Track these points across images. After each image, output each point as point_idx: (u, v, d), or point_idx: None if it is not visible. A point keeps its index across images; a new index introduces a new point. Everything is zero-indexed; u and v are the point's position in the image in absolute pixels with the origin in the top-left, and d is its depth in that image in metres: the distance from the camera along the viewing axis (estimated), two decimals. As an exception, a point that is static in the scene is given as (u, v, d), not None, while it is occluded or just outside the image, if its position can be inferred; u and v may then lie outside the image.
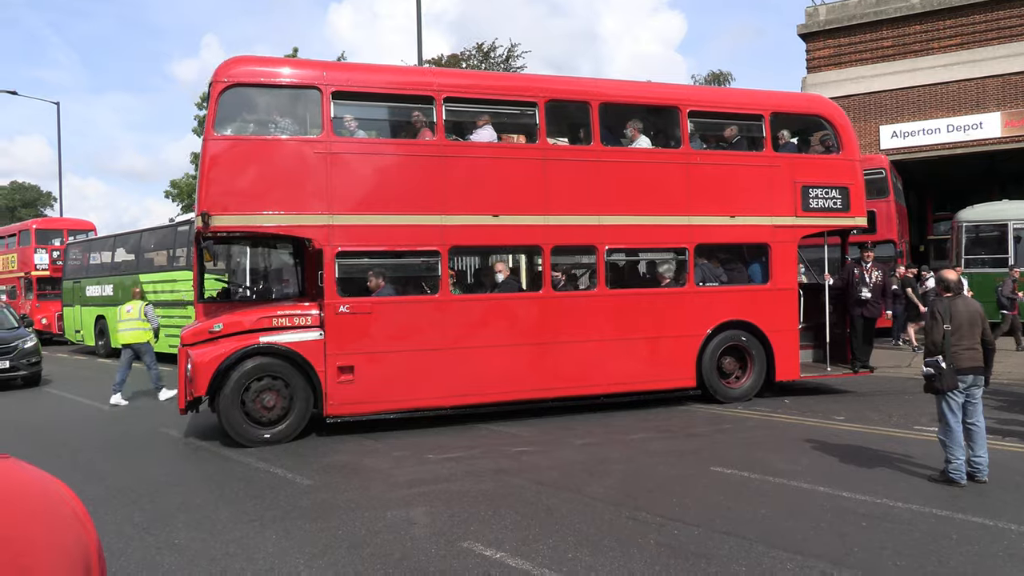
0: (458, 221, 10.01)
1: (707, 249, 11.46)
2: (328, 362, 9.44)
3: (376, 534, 5.86)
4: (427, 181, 9.93)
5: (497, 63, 31.36)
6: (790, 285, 11.63)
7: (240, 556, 5.44)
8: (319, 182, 9.46)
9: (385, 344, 9.69)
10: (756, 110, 11.59)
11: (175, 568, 5.25)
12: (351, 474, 7.84)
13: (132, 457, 8.93)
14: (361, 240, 9.67)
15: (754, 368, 11.46)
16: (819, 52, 24.54)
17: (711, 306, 11.26)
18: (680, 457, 8.15)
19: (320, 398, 9.45)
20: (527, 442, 9.06)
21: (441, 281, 9.95)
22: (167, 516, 6.46)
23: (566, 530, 5.76)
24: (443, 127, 10.00)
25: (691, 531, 5.67)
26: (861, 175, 12.19)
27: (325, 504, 6.71)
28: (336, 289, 9.51)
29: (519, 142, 10.82)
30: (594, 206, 10.62)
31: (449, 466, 8.01)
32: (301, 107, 9.81)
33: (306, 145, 9.51)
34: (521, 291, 10.62)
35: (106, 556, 5.32)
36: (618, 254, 11.15)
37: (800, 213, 11.63)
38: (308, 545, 5.63)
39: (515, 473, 7.61)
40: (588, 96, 10.70)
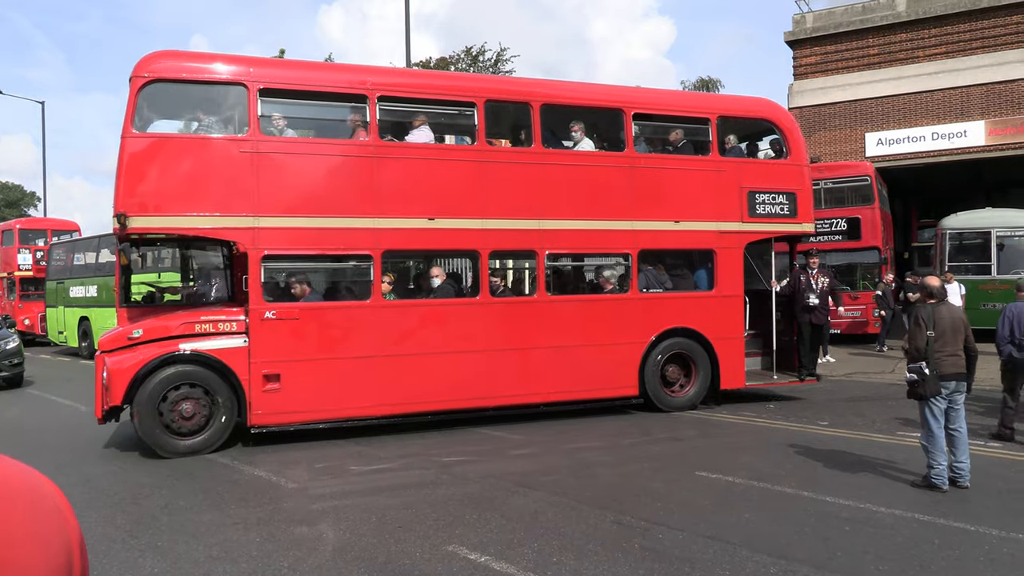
0: (392, 224, 9.69)
1: (651, 255, 11.24)
2: (252, 370, 9.07)
3: (362, 536, 5.85)
4: (359, 183, 9.60)
5: (486, 67, 31.32)
6: (736, 292, 11.43)
7: (223, 559, 5.43)
8: (244, 183, 9.09)
9: (314, 352, 9.34)
10: (702, 113, 11.38)
11: (159, 571, 5.23)
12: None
13: (115, 459, 8.78)
14: (289, 243, 9.31)
15: (698, 376, 11.25)
16: (806, 59, 24.72)
17: (655, 313, 11.03)
18: (665, 461, 8.14)
19: (245, 407, 9.05)
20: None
21: (373, 286, 9.62)
22: (150, 518, 6.42)
23: (551, 534, 5.76)
24: (377, 127, 9.67)
25: (675, 535, 5.68)
26: (809, 181, 12.04)
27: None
28: (261, 294, 9.15)
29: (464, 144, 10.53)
30: (534, 210, 10.34)
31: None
32: (227, 104, 9.43)
33: (231, 144, 9.14)
34: (457, 297, 10.29)
35: (89, 559, 5.14)
36: (559, 259, 10.89)
37: (747, 219, 11.44)
38: (293, 548, 5.61)
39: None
40: (529, 97, 10.43)
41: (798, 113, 24.38)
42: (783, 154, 11.89)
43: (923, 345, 6.79)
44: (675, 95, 11.66)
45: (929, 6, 23.00)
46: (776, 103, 12.35)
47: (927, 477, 6.84)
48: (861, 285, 20.10)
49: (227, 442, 9.16)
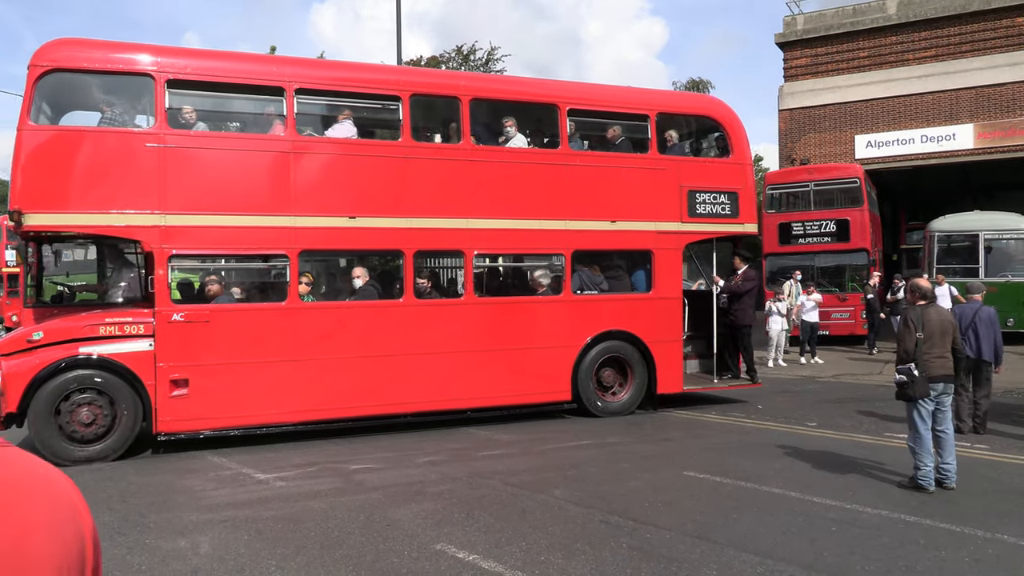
0: (309, 223, 9.30)
1: (586, 255, 10.92)
2: (159, 375, 8.68)
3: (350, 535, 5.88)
4: (275, 179, 9.22)
5: (477, 66, 30.99)
6: (674, 294, 11.13)
7: (212, 556, 5.44)
8: (151, 178, 8.69)
9: (225, 356, 8.96)
10: (642, 110, 11.05)
11: (146, 568, 5.24)
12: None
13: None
14: (198, 242, 8.92)
15: (634, 380, 10.95)
16: (796, 61, 24.70)
17: (589, 315, 10.71)
18: (653, 461, 8.16)
19: (150, 414, 8.66)
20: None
21: (289, 287, 9.23)
22: (138, 517, 6.41)
23: (539, 533, 5.78)
24: (294, 121, 9.26)
25: (663, 535, 5.71)
26: (751, 180, 11.75)
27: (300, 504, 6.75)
28: (168, 295, 8.75)
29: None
30: (462, 208, 9.99)
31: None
32: (132, 96, 9.03)
33: (136, 137, 8.74)
34: (380, 298, 9.92)
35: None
36: (488, 260, 10.55)
37: (686, 219, 11.13)
38: (280, 546, 5.62)
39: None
40: (457, 91, 10.05)
41: (788, 115, 24.40)
42: (726, 152, 11.58)
43: (912, 347, 6.83)
44: (613, 90, 11.29)
45: (919, 9, 23.02)
46: (719, 100, 12.06)
47: (914, 478, 6.86)
48: (850, 287, 20.07)
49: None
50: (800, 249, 20.53)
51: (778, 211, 21.11)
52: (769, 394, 12.54)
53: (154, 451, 9.03)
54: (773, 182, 21.90)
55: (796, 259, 20.40)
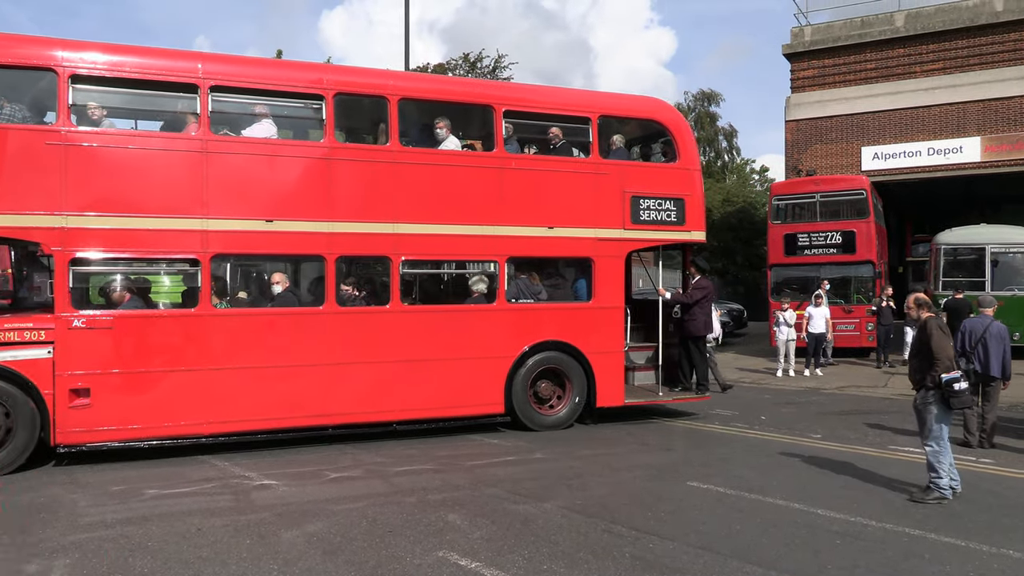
0: (223, 226, 8.90)
1: (522, 262, 10.52)
2: (58, 384, 8.26)
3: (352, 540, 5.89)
4: (186, 180, 8.82)
5: (483, 73, 30.77)
6: (615, 303, 10.71)
7: (214, 560, 5.45)
8: (51, 178, 8.30)
9: (130, 364, 8.54)
10: (582, 112, 10.65)
11: (149, 571, 5.25)
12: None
13: (106, 459, 8.55)
14: (103, 245, 8.51)
15: (572, 393, 10.53)
16: (803, 72, 24.54)
17: (524, 325, 10.30)
18: (656, 472, 8.18)
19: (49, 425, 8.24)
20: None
21: (201, 293, 8.82)
22: (142, 518, 6.43)
23: (541, 542, 5.78)
24: (208, 120, 8.87)
25: (666, 545, 5.71)
26: (699, 186, 11.35)
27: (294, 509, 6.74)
28: (69, 300, 8.34)
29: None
30: (389, 213, 9.59)
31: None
32: (35, 91, 8.63)
33: (36, 135, 8.35)
34: (299, 305, 9.52)
35: (79, 555, 5.39)
36: (416, 266, 10.13)
37: (629, 225, 10.73)
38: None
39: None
40: (385, 91, 9.66)
41: (795, 126, 24.23)
42: (673, 157, 11.19)
43: (952, 354, 6.96)
44: (553, 92, 10.94)
45: (927, 22, 22.85)
46: (665, 102, 11.66)
47: (934, 489, 6.92)
48: (855, 299, 19.94)
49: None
50: (806, 260, 20.41)
51: (784, 222, 20.96)
52: (773, 405, 12.78)
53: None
54: (779, 193, 21.74)
55: (801, 270, 20.41)
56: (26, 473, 8.16)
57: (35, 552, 5.68)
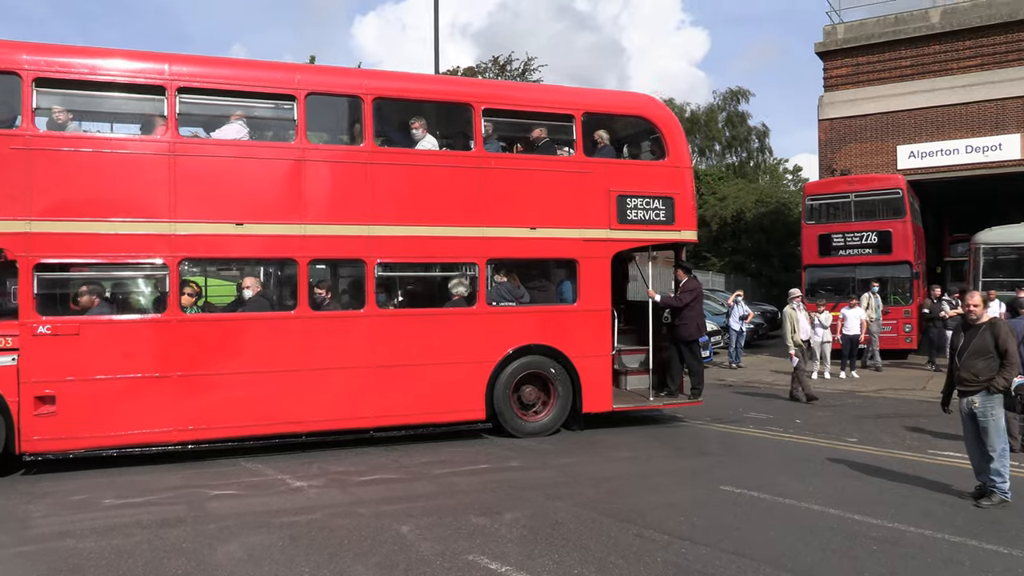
0: (191, 230, 8.75)
1: (503, 264, 10.23)
2: (23, 391, 8.16)
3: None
4: (153, 183, 8.68)
5: (513, 76, 30.73)
6: (601, 306, 10.39)
7: (247, 562, 5.51)
8: (15, 182, 8.20)
9: (96, 371, 8.42)
10: (565, 110, 10.36)
11: (183, 572, 5.31)
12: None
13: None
14: (67, 250, 8.41)
15: (557, 399, 10.23)
16: (837, 71, 24.00)
17: (506, 329, 10.02)
18: (689, 476, 8.11)
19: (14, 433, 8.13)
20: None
21: (169, 298, 8.68)
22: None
23: (571, 546, 5.73)
24: (175, 122, 8.74)
25: (699, 550, 5.62)
26: (690, 184, 10.97)
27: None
28: (34, 306, 8.23)
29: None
30: (363, 214, 9.38)
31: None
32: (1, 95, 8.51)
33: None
34: (271, 310, 9.33)
35: (111, 556, 5.57)
36: (392, 269, 9.89)
37: (615, 225, 10.41)
38: (315, 553, 5.66)
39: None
40: (358, 90, 9.45)
41: (829, 125, 23.71)
42: (661, 155, 10.85)
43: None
44: (535, 89, 10.72)
45: (964, 18, 22.20)
46: (652, 98, 11.30)
47: (1000, 490, 6.82)
48: (892, 300, 19.50)
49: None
50: (840, 261, 20.01)
51: (818, 222, 20.57)
52: (808, 409, 12.58)
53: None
54: (813, 193, 21.34)
55: (836, 271, 20.00)
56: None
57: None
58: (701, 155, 52.22)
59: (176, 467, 8.59)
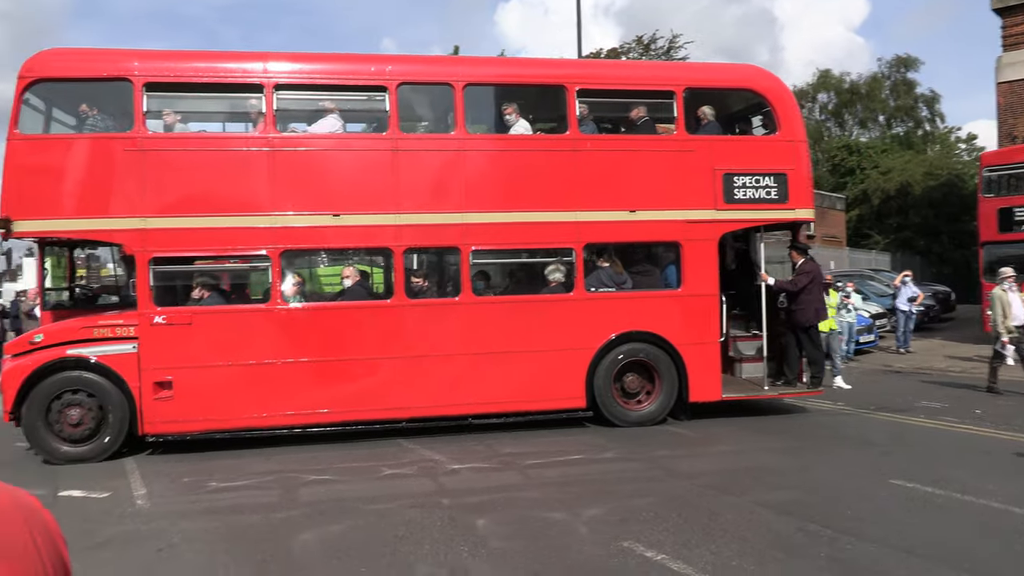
0: (292, 222, 9.05)
1: (601, 249, 9.93)
2: (143, 377, 8.73)
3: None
4: (255, 178, 9.03)
5: (658, 55, 30.40)
6: (708, 290, 9.91)
7: (408, 540, 5.73)
8: (131, 182, 8.75)
9: (208, 358, 8.88)
10: (665, 86, 9.92)
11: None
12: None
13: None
14: (178, 244, 8.88)
15: (662, 387, 9.87)
16: (1018, 27, 21.75)
17: (606, 315, 9.74)
18: (855, 467, 7.69)
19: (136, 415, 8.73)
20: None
21: (272, 288, 9.01)
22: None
23: (729, 537, 5.58)
24: (274, 118, 9.03)
25: (866, 547, 5.34)
26: (805, 159, 10.25)
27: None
28: (150, 298, 8.77)
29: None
30: (457, 202, 9.37)
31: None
32: (113, 101, 9.13)
33: (115, 142, 8.84)
34: (369, 299, 9.50)
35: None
36: (487, 256, 9.82)
37: (722, 205, 9.88)
38: (471, 534, 5.81)
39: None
40: (449, 78, 9.42)
41: (1008, 88, 21.60)
42: (773, 129, 10.18)
43: None
44: (632, 67, 10.35)
45: None
46: (762, 69, 10.59)
47: None
48: None
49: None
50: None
51: (997, 195, 18.83)
52: (989, 397, 11.62)
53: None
54: (991, 163, 19.54)
55: (1019, 248, 18.11)
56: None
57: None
58: (862, 127, 49.19)
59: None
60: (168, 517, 6.59)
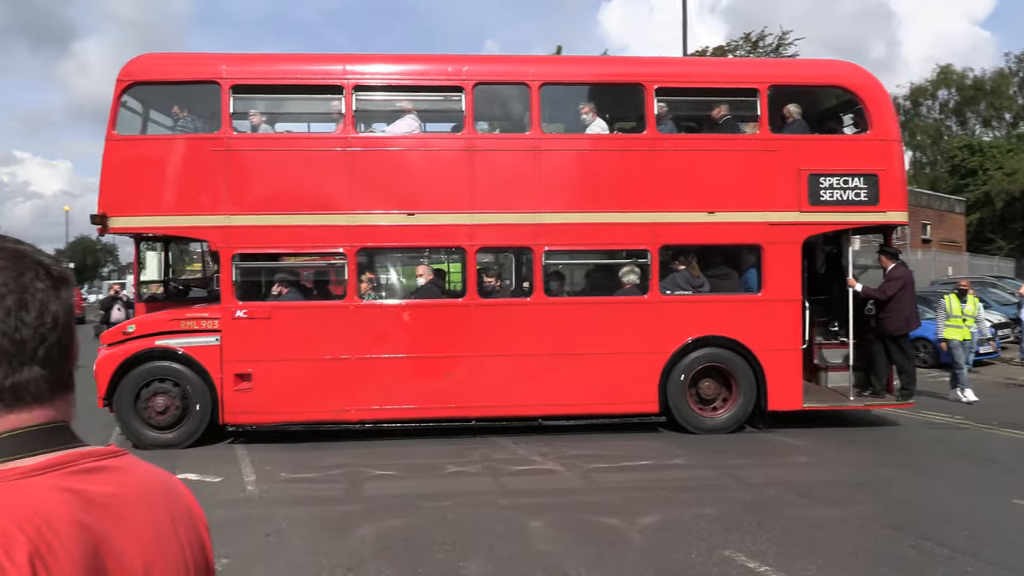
0: (367, 221, 9.21)
1: (678, 251, 9.71)
2: (225, 369, 9.07)
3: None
4: (333, 177, 9.24)
5: (766, 52, 29.89)
6: (789, 295, 9.53)
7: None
8: (217, 180, 9.10)
9: (286, 352, 9.14)
10: (748, 84, 9.60)
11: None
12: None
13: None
14: (260, 241, 9.18)
15: (739, 394, 9.56)
16: None
17: (681, 319, 9.51)
18: (973, 483, 7.37)
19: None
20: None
21: (348, 285, 9.21)
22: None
23: (835, 551, 5.45)
24: (352, 119, 9.22)
25: (984, 569, 5.10)
26: (899, 159, 9.73)
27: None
28: (233, 292, 9.10)
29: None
30: (530, 202, 9.33)
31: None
32: (202, 103, 9.50)
33: (203, 143, 9.20)
34: (441, 297, 9.58)
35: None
36: (560, 257, 9.74)
37: (806, 207, 9.49)
38: (574, 532, 5.91)
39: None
40: (525, 78, 9.39)
41: None
42: (864, 128, 9.71)
43: None
44: (714, 64, 10.03)
45: None
46: (853, 65, 10.06)
47: None
48: None
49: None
50: None
51: None
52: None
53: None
54: None
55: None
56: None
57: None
58: (986, 125, 46.56)
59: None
60: (275, 503, 6.84)
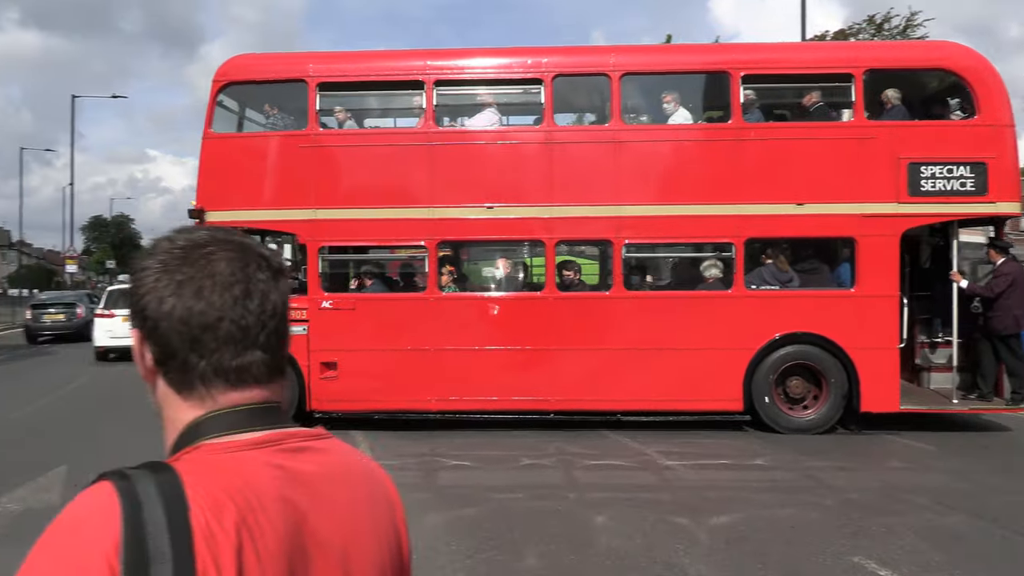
0: (447, 214, 9.31)
1: (765, 244, 9.36)
2: (311, 358, 9.37)
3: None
4: (415, 172, 9.39)
5: (893, 35, 28.67)
6: (886, 291, 9.03)
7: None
8: (304, 176, 9.41)
9: (369, 342, 9.37)
10: (842, 68, 9.14)
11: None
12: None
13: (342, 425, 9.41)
14: (344, 235, 9.45)
15: (829, 394, 9.15)
16: None
17: (768, 315, 9.17)
18: None
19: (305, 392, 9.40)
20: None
21: (429, 278, 9.34)
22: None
23: (975, 562, 5.14)
24: (433, 113, 9.34)
25: None
26: (1011, 145, 9.05)
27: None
28: (319, 284, 9.39)
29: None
30: (610, 194, 9.21)
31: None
32: (292, 100, 9.80)
33: (292, 139, 9.52)
34: (521, 290, 9.58)
35: None
36: (640, 250, 9.55)
37: (905, 198, 8.97)
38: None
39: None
40: (606, 68, 9.26)
41: None
42: (971, 113, 9.10)
43: None
44: (804, 48, 9.52)
45: None
46: (958, 45, 9.41)
47: None
48: None
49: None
50: None
51: None
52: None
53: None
54: None
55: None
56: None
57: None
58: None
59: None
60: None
